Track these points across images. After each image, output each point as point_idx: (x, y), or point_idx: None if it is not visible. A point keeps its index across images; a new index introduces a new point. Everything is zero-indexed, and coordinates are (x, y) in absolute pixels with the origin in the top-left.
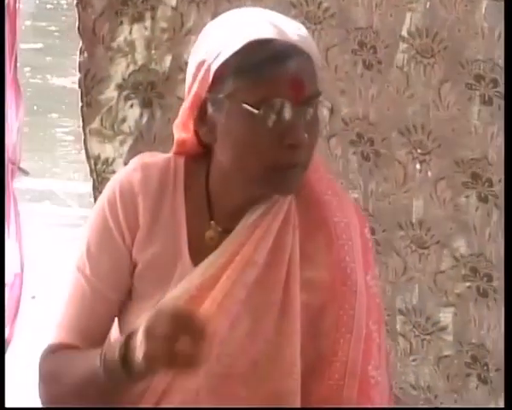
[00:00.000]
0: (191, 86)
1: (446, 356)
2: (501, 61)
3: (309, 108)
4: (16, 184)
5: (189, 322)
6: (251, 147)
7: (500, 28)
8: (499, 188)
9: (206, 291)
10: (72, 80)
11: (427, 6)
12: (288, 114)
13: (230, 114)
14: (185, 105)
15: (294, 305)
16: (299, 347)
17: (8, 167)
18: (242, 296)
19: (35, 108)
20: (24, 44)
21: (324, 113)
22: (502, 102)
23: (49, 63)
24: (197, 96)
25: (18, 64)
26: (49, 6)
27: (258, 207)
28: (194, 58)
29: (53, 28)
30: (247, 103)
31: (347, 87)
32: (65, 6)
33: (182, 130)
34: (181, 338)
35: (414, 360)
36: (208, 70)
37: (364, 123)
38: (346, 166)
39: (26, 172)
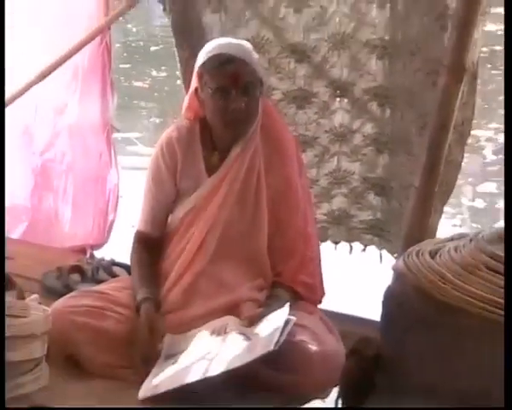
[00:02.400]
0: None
1: (355, 187)
2: None
3: (245, 90)
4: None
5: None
6: (215, 113)
7: None
8: None
9: (212, 195)
10: None
11: None
12: (229, 94)
13: (206, 94)
14: (191, 91)
15: (263, 202)
16: (266, 224)
17: (107, 126)
18: (232, 200)
19: None
20: None
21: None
22: None
23: None
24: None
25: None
26: None
27: (239, 144)
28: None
29: None
30: (210, 89)
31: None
32: None
33: (188, 107)
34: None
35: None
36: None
37: None
38: None
39: (117, 129)
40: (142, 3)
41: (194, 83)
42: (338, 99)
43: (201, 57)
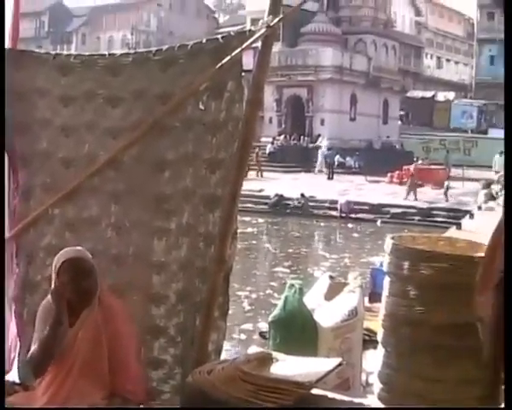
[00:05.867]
0: None
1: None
2: None
3: (85, 277)
4: None
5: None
6: None
7: None
8: None
9: (73, 339)
10: None
11: None
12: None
13: None
14: None
15: (103, 344)
16: (106, 356)
17: None
18: (85, 340)
19: None
20: None
21: None
22: None
23: None
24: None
25: None
26: None
27: (85, 311)
28: None
29: None
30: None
31: None
32: None
33: None
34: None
35: None
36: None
37: None
38: None
39: None
40: None
41: None
42: None
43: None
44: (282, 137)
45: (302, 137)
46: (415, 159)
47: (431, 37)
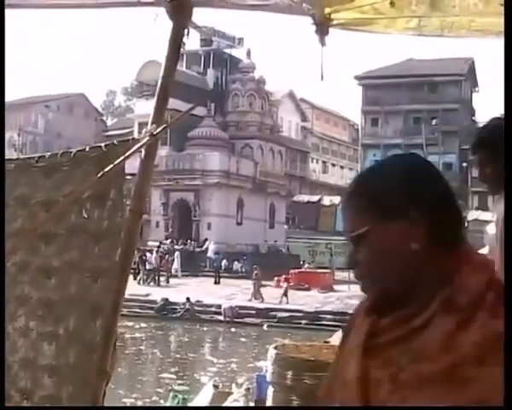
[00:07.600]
0: None
1: None
2: None
3: None
4: None
5: None
6: None
7: None
8: None
9: None
10: None
11: None
12: None
13: None
14: None
15: None
16: None
17: None
18: None
19: None
20: None
21: None
22: None
23: None
24: None
25: None
26: None
27: None
28: None
29: None
30: None
31: None
32: None
33: None
34: None
35: None
36: None
37: None
38: None
39: None
40: None
41: None
42: None
43: None
44: (169, 241)
45: (189, 241)
46: (301, 262)
47: (317, 142)
